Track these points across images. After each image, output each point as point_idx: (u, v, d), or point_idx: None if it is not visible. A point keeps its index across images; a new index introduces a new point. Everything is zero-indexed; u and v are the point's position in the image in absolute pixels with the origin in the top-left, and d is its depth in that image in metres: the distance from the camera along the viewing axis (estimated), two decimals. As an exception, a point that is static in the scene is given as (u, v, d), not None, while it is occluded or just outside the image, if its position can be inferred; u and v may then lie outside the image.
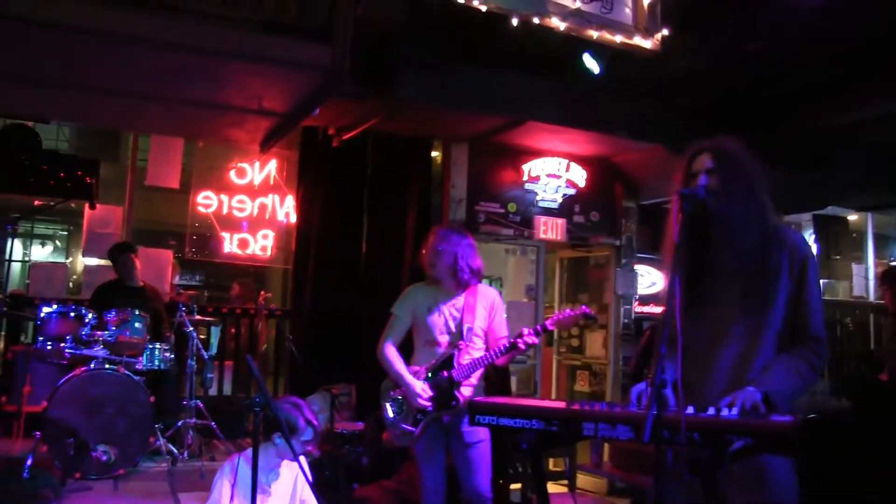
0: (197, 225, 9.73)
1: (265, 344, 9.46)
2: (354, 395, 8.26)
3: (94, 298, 7.75)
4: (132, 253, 7.95)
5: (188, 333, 7.58)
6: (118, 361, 6.90)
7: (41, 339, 6.81)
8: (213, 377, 8.59)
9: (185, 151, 9.76)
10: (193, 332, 7.61)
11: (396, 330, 5.31)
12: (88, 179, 8.47)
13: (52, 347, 6.77)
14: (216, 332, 8.72)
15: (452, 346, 5.12)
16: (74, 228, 15.72)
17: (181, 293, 8.16)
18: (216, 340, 8.66)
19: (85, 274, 10.10)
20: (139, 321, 7.11)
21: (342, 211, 8.80)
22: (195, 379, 7.64)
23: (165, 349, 7.37)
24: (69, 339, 6.81)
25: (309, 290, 8.70)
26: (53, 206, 10.13)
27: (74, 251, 15.60)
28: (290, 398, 4.64)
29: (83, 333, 6.86)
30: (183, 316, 7.55)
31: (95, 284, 8.13)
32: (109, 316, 6.99)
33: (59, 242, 17.28)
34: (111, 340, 6.93)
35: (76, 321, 6.89)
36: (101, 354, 6.85)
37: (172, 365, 7.52)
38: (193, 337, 7.61)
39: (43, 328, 6.84)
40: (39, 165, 8.31)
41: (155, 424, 6.90)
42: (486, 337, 5.26)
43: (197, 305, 7.87)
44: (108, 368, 6.75)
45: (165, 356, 7.35)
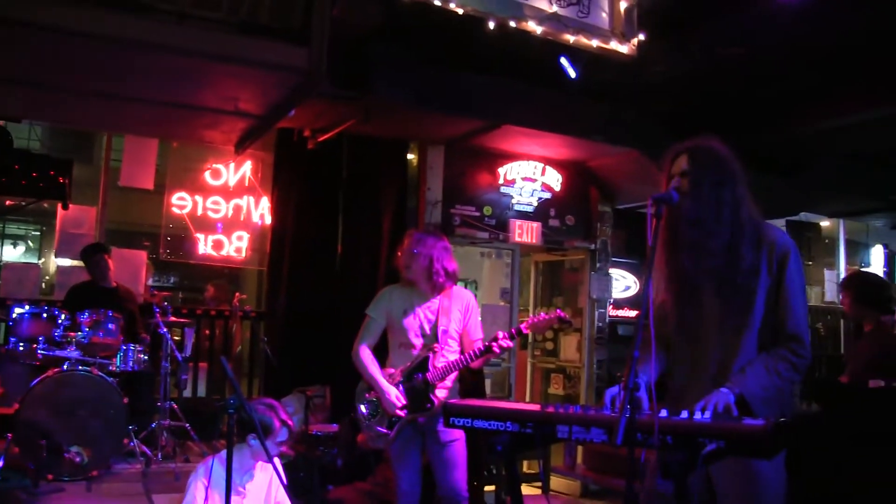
0: (171, 226, 9.68)
1: (239, 345, 9.43)
2: (329, 396, 8.26)
3: (67, 299, 7.71)
4: (105, 254, 7.90)
5: (162, 335, 7.54)
6: (91, 363, 6.86)
7: (13, 339, 6.77)
8: (187, 378, 8.55)
9: (159, 152, 9.69)
10: (167, 333, 7.58)
11: (371, 332, 5.31)
12: (61, 179, 8.41)
13: (24, 348, 6.73)
14: (190, 333, 8.68)
15: (427, 348, 5.14)
16: (47, 229, 15.59)
17: (155, 294, 8.11)
18: (190, 342, 8.62)
19: (58, 275, 10.02)
20: (113, 322, 7.07)
21: (317, 213, 8.79)
22: (169, 380, 7.61)
23: (139, 350, 7.34)
24: (42, 339, 6.77)
25: (284, 291, 8.68)
26: (25, 206, 10.06)
27: (47, 252, 15.47)
28: (264, 399, 4.64)
29: (56, 334, 6.82)
30: (157, 317, 7.52)
31: (68, 285, 8.08)
32: (83, 317, 6.95)
33: (31, 243, 17.13)
34: (84, 341, 6.89)
35: (49, 322, 6.85)
36: (74, 355, 6.80)
37: (146, 366, 7.48)
38: (168, 338, 7.57)
39: (15, 329, 6.80)
40: (11, 165, 8.23)
41: (129, 426, 6.87)
42: (460, 339, 5.27)
43: (171, 307, 7.83)
44: (81, 370, 6.70)
45: (139, 357, 7.32)
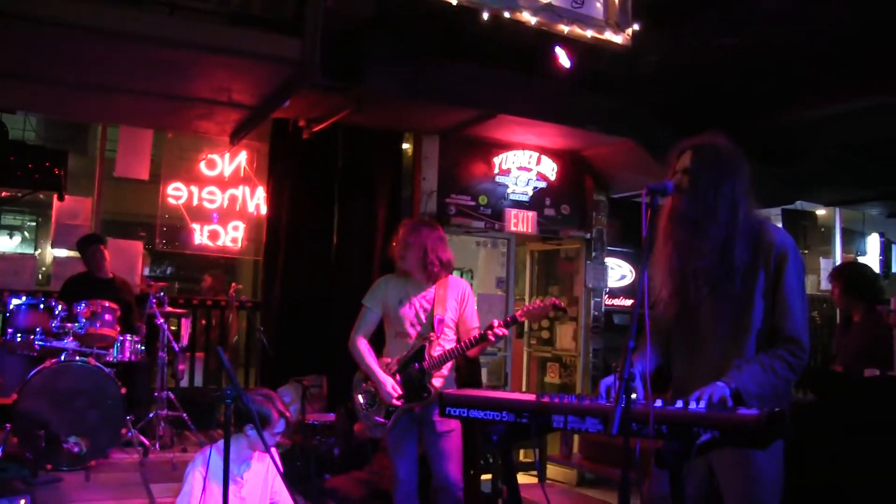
0: (167, 216, 9.67)
1: (236, 336, 9.45)
2: (325, 386, 8.28)
3: (63, 290, 7.70)
4: (101, 244, 7.90)
5: (159, 325, 7.56)
6: (89, 353, 6.87)
7: (11, 330, 6.77)
8: (184, 369, 8.57)
9: (154, 142, 9.66)
10: (164, 323, 7.60)
11: (367, 322, 5.34)
12: (57, 171, 8.39)
13: (21, 339, 6.73)
14: (187, 323, 8.69)
15: (423, 337, 5.16)
16: (43, 219, 15.56)
17: (151, 285, 8.11)
18: (187, 332, 8.63)
19: (54, 265, 10.02)
20: (109, 313, 7.08)
21: (313, 203, 8.79)
22: (166, 370, 7.63)
23: (136, 341, 7.35)
24: (39, 330, 6.77)
25: (279, 281, 8.69)
26: (21, 197, 10.05)
27: (43, 242, 15.45)
28: (261, 390, 4.66)
29: (53, 325, 6.82)
30: (153, 308, 7.53)
31: (65, 276, 8.08)
32: (79, 308, 6.96)
33: (27, 233, 17.10)
34: (81, 332, 6.90)
35: (46, 313, 6.85)
36: (71, 346, 6.82)
37: (143, 357, 7.50)
38: (164, 329, 7.59)
39: (12, 320, 6.80)
40: (6, 156, 8.21)
41: (126, 416, 6.89)
42: (456, 328, 5.29)
43: (167, 297, 7.84)
44: (78, 360, 6.72)
45: (136, 348, 7.33)
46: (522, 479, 7.94)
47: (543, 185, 9.62)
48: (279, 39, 6.38)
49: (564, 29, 7.15)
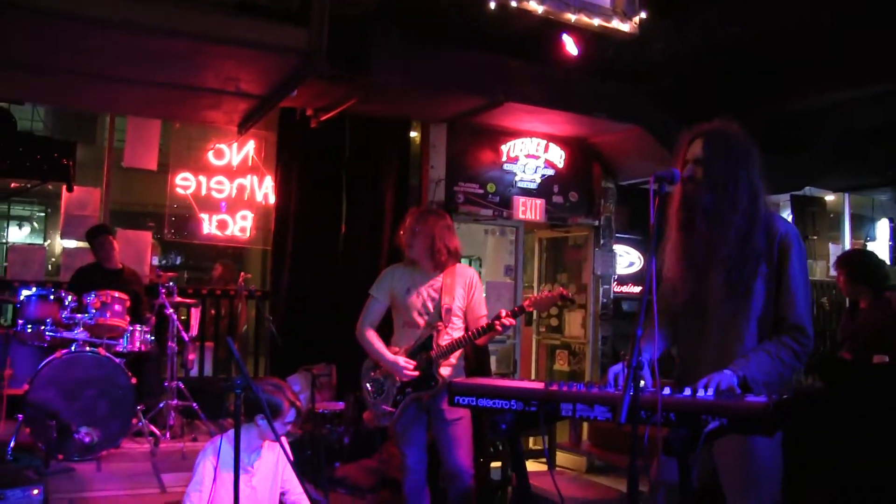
0: (175, 206, 9.69)
1: (245, 325, 9.47)
2: (335, 374, 8.30)
3: (73, 281, 7.72)
4: (109, 235, 7.91)
5: (168, 315, 7.58)
6: (99, 344, 6.90)
7: (21, 322, 6.79)
8: (193, 358, 8.59)
9: (162, 132, 9.66)
10: (174, 313, 7.62)
11: (374, 311, 5.34)
12: (65, 161, 8.40)
13: (32, 330, 6.75)
14: (196, 313, 8.71)
15: (431, 326, 5.16)
16: (52, 210, 15.60)
17: (161, 275, 8.13)
18: (196, 322, 8.64)
19: (64, 256, 10.05)
20: (119, 304, 7.09)
21: (321, 192, 8.81)
22: (176, 360, 7.65)
23: (146, 331, 7.37)
24: (49, 321, 6.79)
25: (288, 270, 8.71)
26: (30, 188, 10.07)
27: (52, 233, 15.49)
28: (271, 380, 4.66)
29: (63, 316, 6.84)
30: (163, 298, 7.55)
31: (74, 267, 8.10)
32: (89, 298, 6.97)
33: (36, 224, 17.14)
34: (91, 323, 6.92)
35: (56, 304, 6.87)
36: (81, 337, 6.84)
37: (153, 347, 7.52)
38: (174, 318, 7.61)
39: (22, 311, 6.82)
40: (15, 147, 8.22)
41: (136, 406, 6.91)
42: (464, 316, 5.29)
43: (177, 287, 7.86)
44: (88, 351, 6.74)
45: (146, 338, 7.34)
46: (532, 466, 7.94)
47: (551, 172, 9.62)
48: (286, 29, 6.37)
49: (571, 18, 7.14)
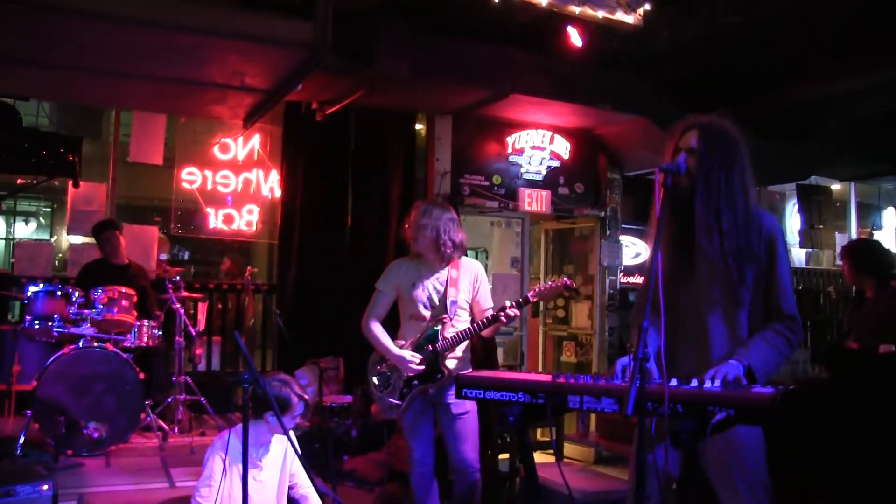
0: (182, 201, 9.72)
1: (252, 319, 9.48)
2: (342, 367, 8.31)
3: (79, 277, 7.75)
4: (116, 230, 7.93)
5: (175, 310, 7.60)
6: (106, 339, 6.93)
7: (29, 318, 6.81)
8: (201, 353, 8.61)
9: (167, 127, 9.68)
10: (181, 308, 7.64)
11: (380, 305, 5.33)
12: (71, 157, 8.39)
13: (40, 326, 6.78)
14: (203, 307, 8.73)
15: (437, 319, 5.16)
16: (58, 206, 15.65)
17: (167, 270, 8.15)
18: (203, 316, 8.67)
19: (70, 252, 10.06)
20: (126, 299, 7.12)
21: (327, 185, 8.80)
22: (184, 355, 7.68)
23: (153, 326, 7.39)
24: (57, 317, 6.82)
25: (294, 264, 8.72)
26: (36, 184, 10.08)
27: (59, 228, 15.55)
28: (278, 375, 4.66)
29: (71, 312, 6.87)
30: (170, 292, 7.56)
31: (81, 262, 8.13)
32: (96, 294, 7.00)
33: (42, 220, 17.20)
34: (99, 318, 6.94)
35: (63, 300, 6.89)
36: (89, 332, 6.87)
37: (160, 342, 7.54)
38: (181, 313, 7.63)
39: (30, 307, 6.84)
40: (21, 143, 8.23)
41: (145, 401, 6.94)
42: (470, 309, 5.30)
43: (183, 281, 7.88)
44: (96, 346, 6.77)
45: (153, 333, 7.37)
46: (539, 457, 7.97)
47: (557, 163, 9.61)
48: (291, 23, 6.36)
49: (576, 10, 7.11)
